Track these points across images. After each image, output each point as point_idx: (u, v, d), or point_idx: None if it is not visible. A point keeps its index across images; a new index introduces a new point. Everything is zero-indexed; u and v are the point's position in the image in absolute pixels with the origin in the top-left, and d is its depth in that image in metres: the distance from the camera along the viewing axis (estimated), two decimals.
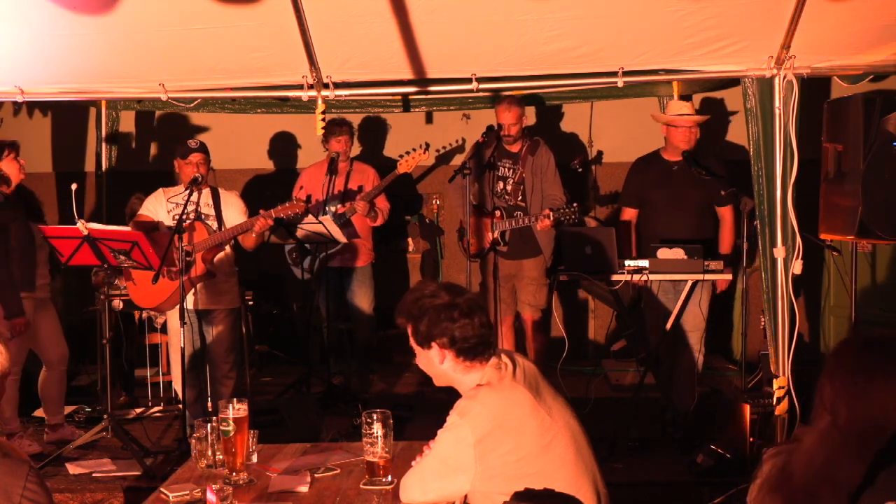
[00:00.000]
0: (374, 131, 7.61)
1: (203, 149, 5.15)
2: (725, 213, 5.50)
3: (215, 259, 5.10)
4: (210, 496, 2.51)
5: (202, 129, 7.38)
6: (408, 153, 6.25)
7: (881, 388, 1.74)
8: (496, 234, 5.71)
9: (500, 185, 5.81)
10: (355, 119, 6.60)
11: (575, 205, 5.47)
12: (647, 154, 5.67)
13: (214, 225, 5.11)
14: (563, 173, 5.96)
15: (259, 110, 7.06)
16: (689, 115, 5.41)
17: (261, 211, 5.01)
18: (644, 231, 5.63)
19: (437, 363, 2.68)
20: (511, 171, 5.79)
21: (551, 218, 5.43)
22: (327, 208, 6.23)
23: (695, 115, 5.44)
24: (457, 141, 6.17)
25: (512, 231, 5.75)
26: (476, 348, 2.65)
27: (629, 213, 5.70)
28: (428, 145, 6.23)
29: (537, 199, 5.75)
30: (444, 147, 7.16)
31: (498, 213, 5.74)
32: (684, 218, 5.46)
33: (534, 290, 5.84)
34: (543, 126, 7.39)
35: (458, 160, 6.85)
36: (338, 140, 6.30)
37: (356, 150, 6.52)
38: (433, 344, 2.67)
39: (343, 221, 6.18)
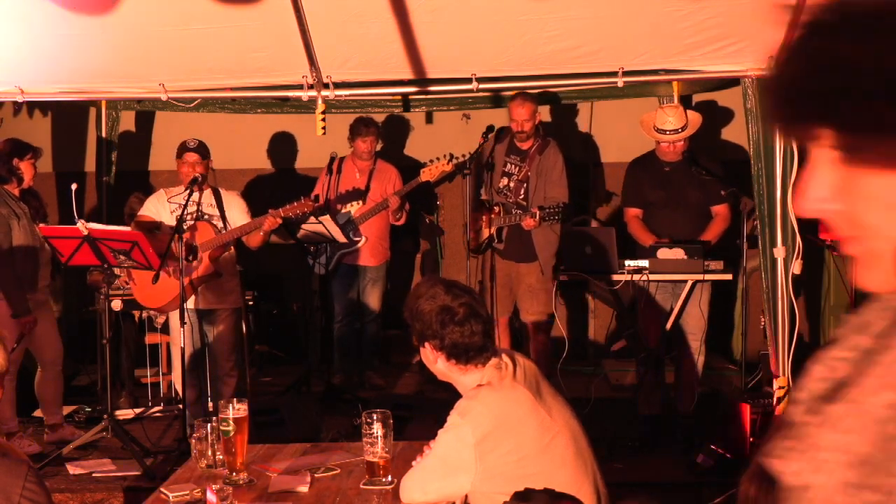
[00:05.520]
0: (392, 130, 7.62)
1: (199, 149, 5.09)
2: (720, 210, 5.40)
3: (220, 259, 5.10)
4: (210, 496, 2.51)
5: (202, 130, 7.37)
6: (431, 162, 6.21)
7: None
8: (493, 230, 5.67)
9: (505, 181, 5.70)
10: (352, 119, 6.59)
11: (561, 204, 5.38)
12: (641, 155, 5.60)
13: (220, 225, 5.11)
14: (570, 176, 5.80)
15: (259, 110, 7.05)
16: (668, 136, 5.28)
17: (270, 210, 5.00)
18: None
19: (433, 362, 2.71)
20: (517, 168, 5.68)
21: (537, 217, 5.33)
22: (338, 206, 6.26)
23: (671, 136, 5.27)
24: (463, 155, 6.19)
25: (509, 230, 5.66)
26: (467, 354, 2.64)
27: (635, 212, 5.56)
28: (452, 156, 6.17)
29: (539, 200, 5.57)
30: (448, 152, 7.13)
31: (497, 208, 5.68)
32: (683, 219, 5.40)
33: (531, 298, 5.68)
34: (558, 125, 7.37)
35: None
36: (364, 140, 6.32)
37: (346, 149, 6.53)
38: (426, 344, 2.69)
39: (346, 220, 6.19)
